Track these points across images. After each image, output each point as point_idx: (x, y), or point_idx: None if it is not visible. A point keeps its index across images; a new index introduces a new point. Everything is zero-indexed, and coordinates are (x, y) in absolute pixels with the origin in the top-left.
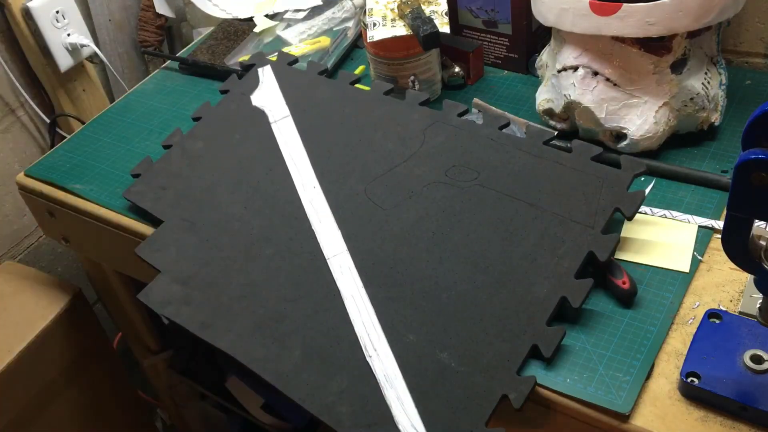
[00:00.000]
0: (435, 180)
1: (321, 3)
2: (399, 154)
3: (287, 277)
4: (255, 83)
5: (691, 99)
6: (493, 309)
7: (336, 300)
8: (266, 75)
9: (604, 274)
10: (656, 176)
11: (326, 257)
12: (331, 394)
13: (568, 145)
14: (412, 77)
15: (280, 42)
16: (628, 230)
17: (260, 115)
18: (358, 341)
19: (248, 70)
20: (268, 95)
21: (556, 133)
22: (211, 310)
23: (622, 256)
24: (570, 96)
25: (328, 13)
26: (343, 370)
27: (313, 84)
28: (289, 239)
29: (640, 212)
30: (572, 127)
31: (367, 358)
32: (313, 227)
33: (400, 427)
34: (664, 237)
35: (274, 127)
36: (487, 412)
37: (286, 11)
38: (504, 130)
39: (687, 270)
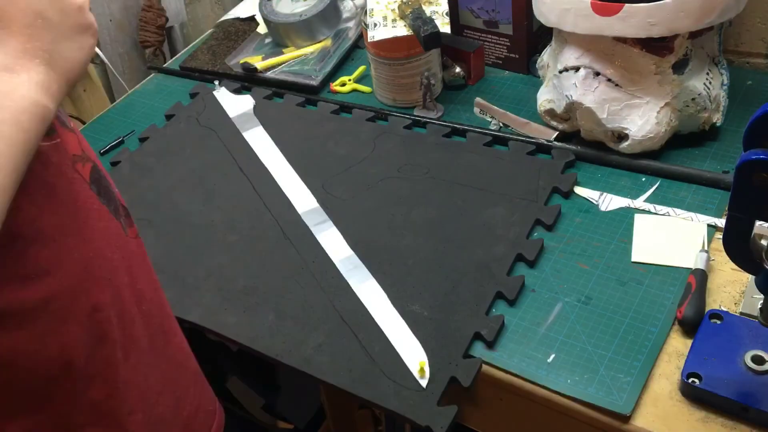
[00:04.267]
0: (389, 176)
1: None
2: (352, 158)
3: (253, 258)
4: (202, 107)
5: (693, 99)
6: (457, 268)
7: (305, 273)
8: (223, 96)
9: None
10: (658, 176)
11: (291, 240)
12: (308, 349)
13: (576, 148)
14: (426, 74)
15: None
16: (638, 232)
17: (209, 134)
18: (329, 304)
19: (194, 97)
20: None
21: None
22: (176, 290)
23: (635, 257)
24: (571, 96)
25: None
26: (318, 328)
27: (261, 106)
28: (251, 227)
29: (645, 212)
30: (573, 127)
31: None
32: (274, 218)
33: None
34: (674, 236)
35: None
36: (463, 347)
37: None
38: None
39: (704, 268)
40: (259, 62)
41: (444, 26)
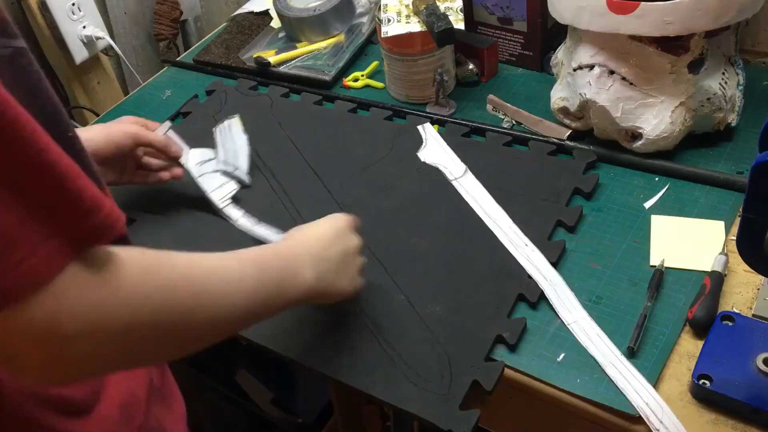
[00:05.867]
0: (407, 176)
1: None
2: (371, 157)
3: None
4: (219, 106)
5: (708, 99)
6: (478, 269)
7: None
8: (229, 96)
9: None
10: (671, 177)
11: None
12: (328, 349)
13: (589, 147)
14: (439, 70)
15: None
16: (655, 234)
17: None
18: (348, 305)
19: (210, 94)
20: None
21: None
22: None
23: (654, 261)
24: (585, 95)
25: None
26: (336, 329)
27: (277, 104)
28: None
29: (661, 213)
30: (587, 126)
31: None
32: (292, 218)
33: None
34: (691, 238)
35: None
36: (485, 350)
37: None
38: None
39: (722, 270)
40: (272, 56)
41: (458, 22)
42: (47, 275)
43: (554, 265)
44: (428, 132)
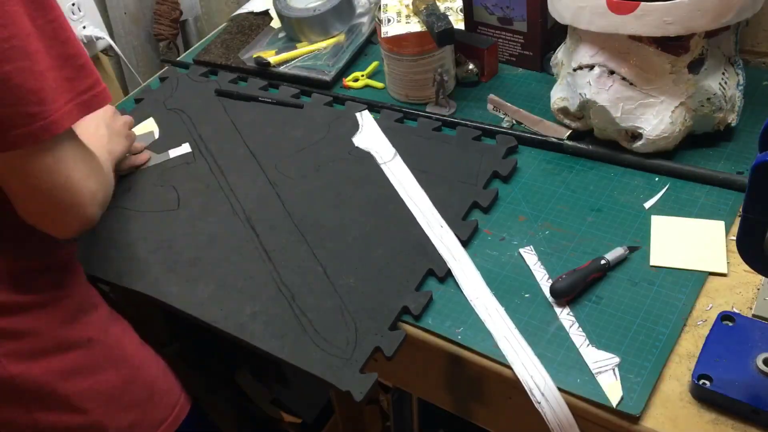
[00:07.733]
0: (339, 158)
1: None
2: (306, 140)
3: (202, 231)
4: (169, 92)
5: (708, 99)
6: (393, 245)
7: (250, 245)
8: (180, 82)
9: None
10: (671, 176)
11: (239, 216)
12: (244, 316)
13: (589, 147)
14: (439, 70)
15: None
16: (655, 234)
17: (174, 118)
18: (269, 275)
19: (163, 81)
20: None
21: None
22: (127, 262)
23: (654, 261)
24: (585, 95)
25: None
26: (256, 298)
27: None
28: (203, 205)
29: (661, 214)
30: (587, 126)
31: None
32: (226, 195)
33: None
34: (691, 238)
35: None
36: (390, 320)
37: None
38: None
39: (725, 271)
40: (272, 57)
41: (458, 23)
42: (63, 126)
43: (465, 243)
44: (365, 119)
